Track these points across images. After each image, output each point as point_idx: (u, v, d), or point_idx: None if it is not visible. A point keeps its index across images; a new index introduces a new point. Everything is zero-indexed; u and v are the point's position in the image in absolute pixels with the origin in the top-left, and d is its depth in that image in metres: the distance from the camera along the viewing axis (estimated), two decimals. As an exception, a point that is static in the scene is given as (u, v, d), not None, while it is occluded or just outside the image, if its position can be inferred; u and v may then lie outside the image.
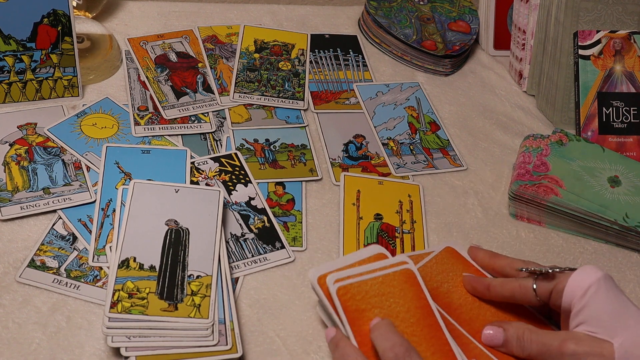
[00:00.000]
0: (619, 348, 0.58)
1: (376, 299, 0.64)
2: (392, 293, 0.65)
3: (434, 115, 1.01)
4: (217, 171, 0.86)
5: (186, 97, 0.95)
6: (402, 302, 0.64)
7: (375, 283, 0.65)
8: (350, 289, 0.64)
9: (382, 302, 0.64)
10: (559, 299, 0.63)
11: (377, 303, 0.64)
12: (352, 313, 0.63)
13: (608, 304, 0.60)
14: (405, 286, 0.66)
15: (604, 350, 0.58)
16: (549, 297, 0.65)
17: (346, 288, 0.64)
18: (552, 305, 0.65)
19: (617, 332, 0.59)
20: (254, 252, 0.79)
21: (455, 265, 0.73)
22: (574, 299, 0.61)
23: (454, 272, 0.73)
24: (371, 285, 0.65)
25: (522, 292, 0.66)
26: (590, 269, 0.63)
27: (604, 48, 0.99)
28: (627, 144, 0.97)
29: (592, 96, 0.98)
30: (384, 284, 0.65)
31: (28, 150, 0.85)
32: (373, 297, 0.64)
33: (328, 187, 0.89)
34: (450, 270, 0.73)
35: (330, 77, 1.04)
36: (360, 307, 0.64)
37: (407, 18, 1.13)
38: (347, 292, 0.64)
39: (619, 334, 0.59)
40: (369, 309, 0.64)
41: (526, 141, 0.93)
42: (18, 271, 0.73)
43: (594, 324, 0.60)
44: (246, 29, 1.08)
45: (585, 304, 0.60)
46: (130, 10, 1.10)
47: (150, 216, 0.75)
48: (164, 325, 0.67)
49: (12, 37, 0.88)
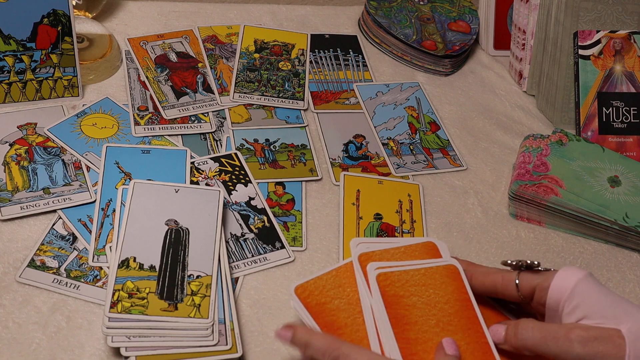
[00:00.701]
0: (627, 333, 0.57)
1: (415, 288, 0.63)
2: (433, 285, 0.64)
3: (434, 115, 1.01)
4: (217, 171, 0.86)
5: (186, 97, 0.95)
6: (442, 294, 0.64)
7: (417, 274, 0.65)
8: (390, 276, 0.64)
9: (421, 291, 0.63)
10: (543, 296, 0.63)
11: (416, 292, 0.63)
12: (390, 297, 0.63)
13: (603, 297, 0.60)
14: (447, 280, 0.65)
15: (613, 335, 0.58)
16: (532, 294, 0.64)
17: (386, 275, 0.64)
18: (535, 304, 0.64)
19: (621, 319, 0.59)
20: (254, 252, 0.79)
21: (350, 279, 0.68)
22: (562, 297, 0.61)
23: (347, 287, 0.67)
24: (412, 275, 0.64)
25: (504, 284, 0.65)
26: (574, 268, 0.63)
27: (604, 48, 0.99)
28: (627, 144, 0.97)
29: (592, 96, 0.98)
30: (426, 276, 0.65)
31: (28, 150, 0.85)
32: (413, 286, 0.64)
33: (328, 187, 0.89)
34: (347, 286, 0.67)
35: (330, 77, 1.04)
36: (398, 293, 0.63)
37: (407, 18, 1.13)
38: (387, 278, 0.64)
39: (624, 321, 0.58)
40: (407, 295, 0.63)
41: (526, 141, 0.93)
42: (18, 271, 0.73)
43: (597, 316, 0.59)
44: (246, 29, 1.08)
45: (580, 301, 0.60)
46: (130, 10, 1.10)
47: (150, 216, 0.75)
48: (164, 325, 0.67)
49: (12, 37, 0.88)
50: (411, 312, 0.62)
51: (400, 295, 0.63)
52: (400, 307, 0.62)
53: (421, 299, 0.63)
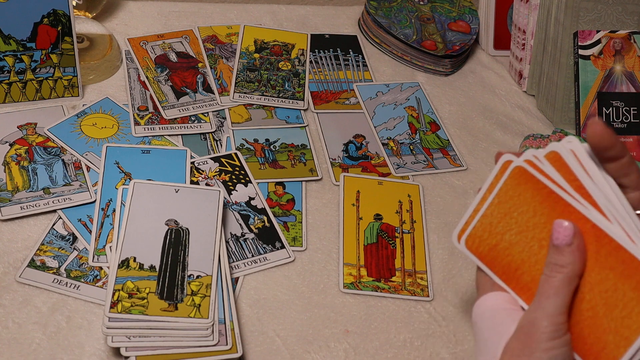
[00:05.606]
0: None
1: (501, 225, 0.56)
2: (513, 206, 0.55)
3: (434, 115, 1.01)
4: (217, 171, 0.86)
5: (186, 97, 0.95)
6: (525, 208, 0.54)
7: (493, 209, 0.56)
8: (475, 234, 0.57)
9: (508, 224, 0.55)
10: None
11: (503, 228, 0.55)
12: (487, 256, 0.57)
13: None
14: (520, 189, 0.54)
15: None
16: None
17: (472, 236, 0.57)
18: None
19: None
20: (254, 252, 0.79)
21: (525, 196, 0.56)
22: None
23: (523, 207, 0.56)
24: (491, 214, 0.56)
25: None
26: None
27: (604, 48, 0.99)
28: (627, 144, 0.97)
29: (592, 96, 0.98)
30: (501, 203, 0.55)
31: (28, 150, 0.85)
32: (498, 225, 0.56)
33: (328, 187, 0.89)
34: (518, 207, 0.56)
35: (330, 77, 1.04)
36: (492, 244, 0.56)
37: (407, 18, 1.13)
38: (474, 240, 0.57)
39: None
40: (499, 239, 0.56)
41: (526, 141, 0.93)
42: (18, 271, 0.73)
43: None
44: (246, 29, 1.08)
45: None
46: (130, 10, 1.10)
47: (150, 216, 0.75)
48: (164, 325, 0.67)
49: (12, 37, 0.88)
50: (510, 252, 0.55)
51: (494, 245, 0.56)
52: (499, 256, 0.56)
53: (512, 231, 0.55)
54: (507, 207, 0.55)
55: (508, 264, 0.55)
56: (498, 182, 0.56)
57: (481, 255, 0.57)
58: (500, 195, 0.55)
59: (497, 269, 0.56)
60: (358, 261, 0.81)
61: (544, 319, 0.49)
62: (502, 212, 0.55)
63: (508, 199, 0.55)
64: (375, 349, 0.74)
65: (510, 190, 0.55)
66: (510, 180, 0.55)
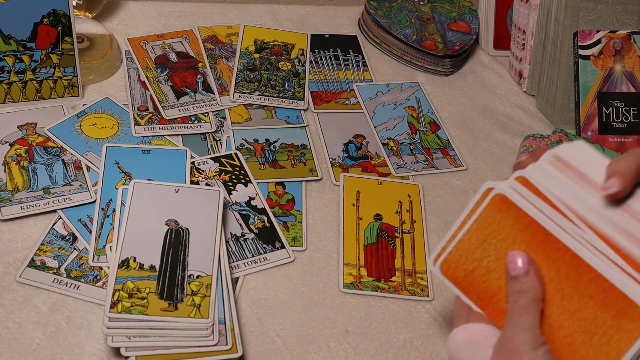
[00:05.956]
0: None
1: (479, 251, 0.55)
2: (492, 233, 0.55)
3: (434, 115, 1.01)
4: (217, 171, 0.86)
5: (186, 97, 0.95)
6: (505, 236, 0.54)
7: (471, 235, 0.56)
8: (451, 259, 0.57)
9: (486, 250, 0.55)
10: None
11: (481, 254, 0.55)
12: (462, 282, 0.56)
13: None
14: (499, 216, 0.54)
15: None
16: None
17: (447, 261, 0.57)
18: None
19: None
20: (254, 252, 0.79)
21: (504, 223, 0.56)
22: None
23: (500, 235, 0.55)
24: (468, 239, 0.56)
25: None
26: None
27: (604, 48, 0.99)
28: (627, 144, 0.97)
29: (592, 96, 0.98)
30: (479, 229, 0.55)
31: (28, 150, 0.85)
32: (475, 252, 0.56)
33: (328, 187, 0.89)
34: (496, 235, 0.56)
35: (330, 77, 1.04)
36: (468, 269, 0.56)
37: (407, 18, 1.13)
38: (449, 265, 0.57)
39: None
40: (476, 265, 0.55)
41: (526, 141, 0.93)
42: (18, 271, 0.73)
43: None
44: (246, 29, 1.08)
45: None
46: (130, 10, 1.10)
47: (150, 216, 0.75)
48: (164, 325, 0.67)
49: (12, 37, 0.88)
50: (487, 278, 0.55)
51: (471, 271, 0.56)
52: (475, 283, 0.55)
53: (489, 257, 0.55)
54: (486, 233, 0.55)
55: (484, 290, 0.55)
56: (478, 209, 0.56)
57: (456, 280, 0.57)
58: (480, 221, 0.55)
59: (473, 294, 0.56)
60: (358, 261, 0.81)
61: (520, 333, 0.50)
62: (481, 238, 0.55)
63: (487, 226, 0.55)
64: (375, 349, 0.74)
65: (490, 217, 0.55)
66: (490, 207, 0.55)
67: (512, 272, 0.52)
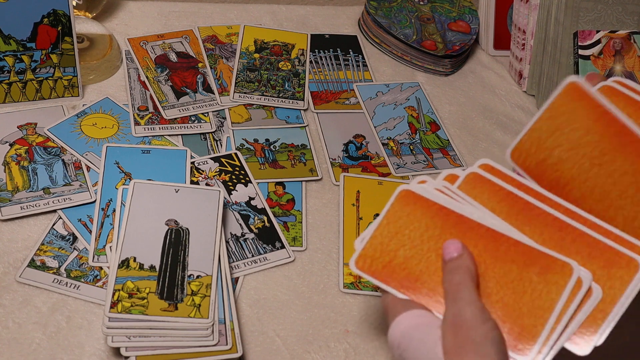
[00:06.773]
0: None
1: (393, 243, 0.57)
2: (403, 225, 0.57)
3: (434, 115, 1.01)
4: (217, 171, 0.86)
5: (186, 97, 0.95)
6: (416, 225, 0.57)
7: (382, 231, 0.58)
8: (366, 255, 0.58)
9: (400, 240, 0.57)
10: None
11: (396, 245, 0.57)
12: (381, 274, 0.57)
13: None
14: (408, 209, 0.58)
15: None
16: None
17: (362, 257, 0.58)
18: None
19: None
20: (254, 252, 0.79)
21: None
22: None
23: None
24: (380, 234, 0.58)
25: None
26: None
27: (604, 48, 0.99)
28: (627, 144, 0.97)
29: (592, 96, 0.98)
30: (390, 224, 0.58)
31: (28, 150, 0.85)
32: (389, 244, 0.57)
33: (328, 187, 0.89)
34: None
35: (330, 77, 1.04)
36: (385, 261, 0.57)
37: (407, 18, 1.13)
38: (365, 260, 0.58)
39: None
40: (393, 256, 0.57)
41: (526, 141, 0.93)
42: (18, 271, 0.73)
43: None
44: (246, 29, 1.08)
45: None
46: (130, 10, 1.10)
47: (150, 216, 0.75)
48: (164, 325, 0.67)
49: (12, 37, 0.88)
50: (407, 266, 0.56)
51: (387, 262, 0.57)
52: (395, 273, 0.56)
53: (405, 247, 0.57)
54: (398, 225, 0.58)
55: (406, 276, 0.57)
56: (386, 206, 0.59)
57: (374, 273, 0.58)
58: (389, 216, 0.58)
59: (395, 283, 0.57)
60: (358, 261, 0.81)
61: (466, 307, 0.51)
62: (393, 231, 0.58)
63: (397, 219, 0.58)
64: (375, 349, 0.74)
65: (399, 211, 0.58)
66: (397, 202, 0.58)
67: (447, 256, 0.55)
